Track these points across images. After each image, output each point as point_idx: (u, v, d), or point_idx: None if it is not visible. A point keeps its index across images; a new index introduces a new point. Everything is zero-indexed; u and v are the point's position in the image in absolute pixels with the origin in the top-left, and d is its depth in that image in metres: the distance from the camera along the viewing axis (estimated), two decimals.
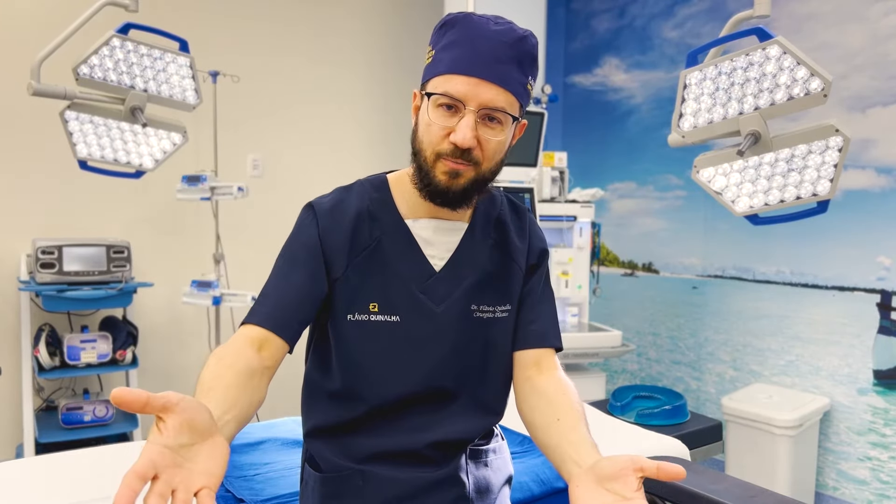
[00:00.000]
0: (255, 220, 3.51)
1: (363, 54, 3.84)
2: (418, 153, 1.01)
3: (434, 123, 0.97)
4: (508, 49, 0.96)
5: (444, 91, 0.96)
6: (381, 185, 1.11)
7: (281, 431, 1.92)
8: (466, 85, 0.95)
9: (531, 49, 0.99)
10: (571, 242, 3.16)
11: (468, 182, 1.00)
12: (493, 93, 0.95)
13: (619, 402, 2.50)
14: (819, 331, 2.87)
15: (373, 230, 1.06)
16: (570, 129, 4.19)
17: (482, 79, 0.95)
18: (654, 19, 3.62)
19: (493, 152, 0.99)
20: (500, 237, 1.13)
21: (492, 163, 1.01)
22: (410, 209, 1.08)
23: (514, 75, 0.97)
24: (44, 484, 1.54)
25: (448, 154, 0.97)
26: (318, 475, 1.10)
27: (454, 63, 0.96)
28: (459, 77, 0.95)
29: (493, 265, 1.11)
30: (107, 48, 1.93)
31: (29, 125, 2.93)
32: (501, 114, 0.97)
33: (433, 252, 1.08)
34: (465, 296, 1.08)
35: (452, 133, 0.96)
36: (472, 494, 1.10)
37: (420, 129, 1.01)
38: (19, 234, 2.94)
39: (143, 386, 3.19)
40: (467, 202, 1.03)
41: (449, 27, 0.99)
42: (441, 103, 0.97)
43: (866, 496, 2.67)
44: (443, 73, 0.97)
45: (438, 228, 1.09)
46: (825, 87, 1.53)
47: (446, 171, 0.98)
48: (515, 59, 0.97)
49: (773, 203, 1.69)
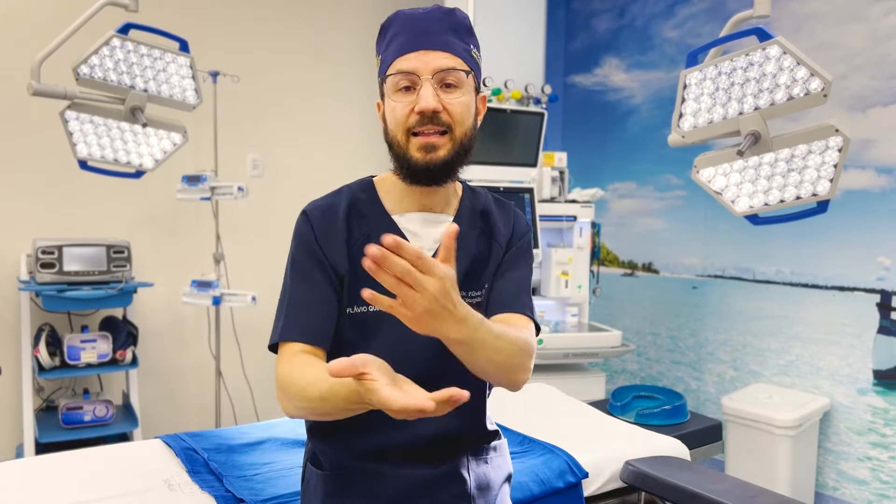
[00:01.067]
0: (255, 220, 3.51)
1: (363, 54, 3.84)
2: (392, 142, 1.06)
3: (397, 104, 1.03)
4: (440, 23, 1.05)
5: (398, 69, 1.03)
6: (367, 185, 1.15)
7: (281, 431, 1.93)
8: (416, 58, 1.02)
9: (462, 20, 1.08)
10: (571, 242, 3.16)
11: (447, 154, 1.04)
12: (441, 57, 1.03)
13: (619, 402, 2.50)
14: (819, 331, 2.87)
15: (362, 227, 1.10)
16: (570, 129, 4.19)
17: (428, 49, 1.03)
18: (654, 19, 3.62)
19: (460, 115, 1.04)
20: (485, 226, 1.16)
21: (464, 126, 1.05)
22: (397, 205, 1.12)
23: (454, 41, 1.05)
24: (44, 484, 1.54)
25: (417, 126, 1.02)
26: (320, 473, 1.10)
27: (400, 47, 1.04)
28: (407, 55, 1.03)
29: (478, 252, 1.14)
30: (107, 48, 1.93)
31: (29, 125, 2.93)
32: (455, 76, 1.03)
33: (421, 244, 1.10)
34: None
35: (416, 105, 1.01)
36: (473, 491, 1.10)
37: (388, 119, 1.07)
38: (19, 234, 2.94)
39: (143, 386, 3.19)
40: (449, 175, 1.07)
41: (386, 29, 1.09)
42: (399, 87, 1.03)
43: (866, 496, 2.67)
44: (393, 60, 1.05)
45: (425, 221, 1.12)
46: (825, 87, 1.53)
47: (420, 146, 1.03)
48: (450, 29, 1.05)
49: (772, 203, 1.69)
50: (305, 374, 0.95)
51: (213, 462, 1.66)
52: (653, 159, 3.64)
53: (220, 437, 1.86)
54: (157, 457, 1.72)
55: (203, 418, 3.43)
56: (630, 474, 1.75)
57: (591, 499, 1.76)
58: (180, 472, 1.63)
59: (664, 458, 1.82)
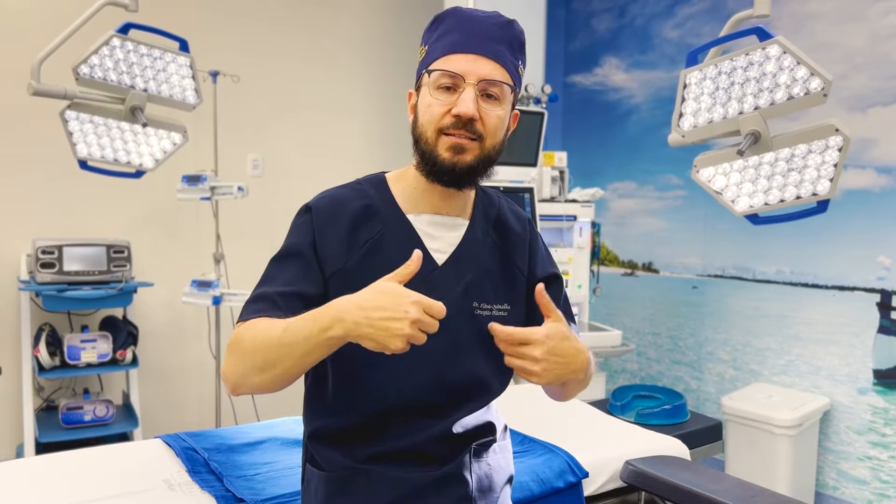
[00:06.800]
0: (255, 220, 3.51)
1: (363, 54, 3.84)
2: (420, 138, 1.04)
3: (435, 103, 1.02)
4: (499, 31, 1.03)
5: (444, 68, 1.01)
6: (380, 183, 1.13)
7: (281, 431, 1.93)
8: (465, 61, 1.00)
9: (518, 34, 1.06)
10: (571, 242, 3.16)
11: (474, 159, 1.03)
12: (491, 67, 1.01)
13: (619, 402, 2.50)
14: (819, 330, 2.87)
15: (374, 224, 1.07)
16: (570, 129, 4.19)
17: (479, 54, 1.01)
18: (654, 19, 3.62)
19: (494, 127, 1.03)
20: (500, 239, 1.15)
21: (494, 140, 1.04)
22: (411, 204, 1.10)
23: (507, 54, 1.03)
24: (44, 484, 1.54)
25: (450, 127, 1.01)
26: (321, 474, 1.10)
27: (451, 45, 1.02)
28: (457, 55, 1.01)
29: (493, 264, 1.12)
30: (107, 48, 1.93)
31: (29, 125, 2.93)
32: (499, 89, 1.02)
33: (436, 246, 1.09)
34: (466, 291, 1.09)
35: (454, 107, 1.00)
36: (474, 493, 1.10)
37: (420, 113, 1.05)
38: (19, 234, 2.94)
39: (143, 386, 3.19)
40: (472, 181, 1.06)
41: (440, 22, 1.06)
42: (441, 84, 1.02)
43: (866, 496, 2.67)
44: (440, 57, 1.02)
45: (440, 224, 1.10)
46: (825, 87, 1.53)
47: (449, 146, 1.01)
48: (506, 41, 1.03)
49: (773, 203, 1.69)
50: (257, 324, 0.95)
51: (214, 462, 1.66)
52: (653, 159, 3.64)
53: (221, 436, 1.86)
54: (158, 457, 1.72)
55: (203, 418, 3.43)
56: (630, 474, 1.75)
57: (591, 498, 1.76)
58: (180, 471, 1.63)
59: (664, 458, 1.82)
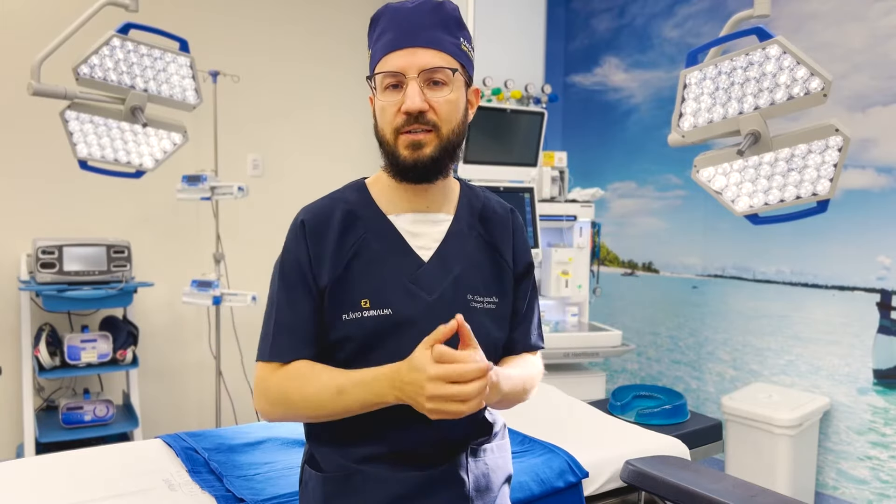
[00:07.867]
0: (255, 220, 3.51)
1: (363, 54, 3.83)
2: (381, 141, 1.07)
3: (386, 104, 1.03)
4: (429, 17, 1.03)
5: (385, 69, 1.03)
6: (360, 187, 1.15)
7: (281, 431, 1.93)
8: (403, 57, 1.02)
9: (451, 11, 1.06)
10: (571, 242, 3.16)
11: (434, 150, 1.04)
12: (428, 55, 1.02)
13: (619, 402, 2.50)
14: (819, 330, 2.87)
15: (357, 229, 1.09)
16: (570, 129, 4.19)
17: (414, 46, 1.02)
18: (654, 19, 3.62)
19: (446, 113, 1.04)
20: (486, 232, 1.17)
21: (451, 124, 1.05)
22: (392, 205, 1.12)
23: (443, 37, 1.04)
24: (44, 484, 1.54)
25: (404, 125, 1.02)
26: (318, 475, 1.10)
27: (388, 44, 1.03)
28: (395, 53, 1.02)
29: (480, 256, 1.14)
30: (107, 48, 1.93)
31: (29, 125, 2.93)
32: (442, 73, 1.03)
33: (420, 243, 1.10)
34: (457, 285, 1.10)
35: (402, 105, 1.01)
36: (471, 493, 1.10)
37: (378, 117, 1.07)
38: (19, 234, 2.94)
39: (143, 386, 3.19)
40: (439, 172, 1.07)
41: (375, 23, 1.08)
42: (387, 84, 1.03)
43: (866, 496, 2.67)
44: (381, 58, 1.04)
45: (422, 221, 1.12)
46: (825, 87, 1.53)
47: (407, 143, 1.03)
48: (440, 24, 1.04)
49: (772, 202, 1.69)
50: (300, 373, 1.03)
51: (214, 462, 1.66)
52: (653, 159, 3.64)
53: (221, 436, 1.86)
54: (158, 456, 1.72)
55: (203, 418, 3.43)
56: (630, 474, 1.75)
57: (591, 498, 1.76)
58: (181, 471, 1.63)
59: (664, 458, 1.82)
